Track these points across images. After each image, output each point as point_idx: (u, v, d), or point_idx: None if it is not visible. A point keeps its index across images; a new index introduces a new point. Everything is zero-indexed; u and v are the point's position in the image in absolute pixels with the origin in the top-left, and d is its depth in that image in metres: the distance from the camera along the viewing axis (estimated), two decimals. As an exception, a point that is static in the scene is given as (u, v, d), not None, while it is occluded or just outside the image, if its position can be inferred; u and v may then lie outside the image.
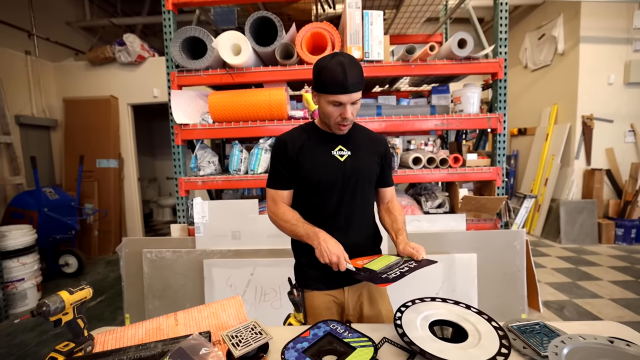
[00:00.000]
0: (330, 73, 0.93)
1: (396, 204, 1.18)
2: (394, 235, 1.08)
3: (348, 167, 1.06)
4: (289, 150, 1.06)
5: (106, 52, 4.05)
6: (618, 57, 3.96)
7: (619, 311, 2.40)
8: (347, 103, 0.95)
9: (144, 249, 2.05)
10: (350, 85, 0.92)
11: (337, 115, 0.99)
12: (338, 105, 0.96)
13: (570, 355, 0.66)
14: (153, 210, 6.32)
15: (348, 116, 0.97)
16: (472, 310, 0.87)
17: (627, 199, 3.94)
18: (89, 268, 3.65)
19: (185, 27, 1.94)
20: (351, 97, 0.95)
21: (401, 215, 1.14)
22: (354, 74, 0.93)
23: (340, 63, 0.92)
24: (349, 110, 0.96)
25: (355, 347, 0.81)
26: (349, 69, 0.92)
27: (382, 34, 1.96)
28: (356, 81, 0.93)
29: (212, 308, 1.03)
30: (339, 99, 0.94)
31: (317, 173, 1.05)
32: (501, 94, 2.06)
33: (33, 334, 2.35)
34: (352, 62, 0.94)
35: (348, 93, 0.93)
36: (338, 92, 0.93)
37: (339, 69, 0.91)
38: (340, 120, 0.99)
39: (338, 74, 0.91)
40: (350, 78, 0.92)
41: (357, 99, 0.96)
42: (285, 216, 1.05)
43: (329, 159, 1.06)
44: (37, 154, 3.61)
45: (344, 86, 0.92)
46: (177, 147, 2.09)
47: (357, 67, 0.94)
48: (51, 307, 0.80)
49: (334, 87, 0.93)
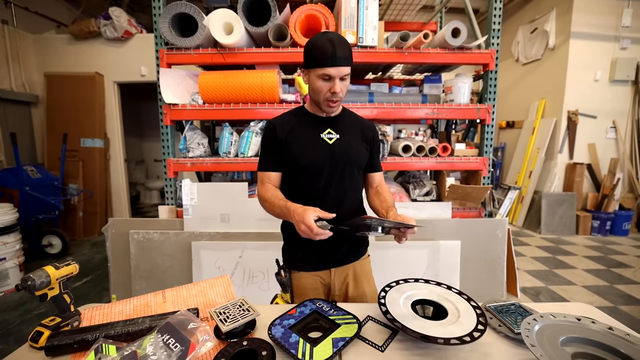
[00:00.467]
0: (320, 47, 0.95)
1: (384, 188, 1.20)
2: (384, 213, 1.08)
3: (336, 150, 1.07)
4: (278, 133, 1.07)
5: (90, 26, 3.87)
6: (605, 55, 4.04)
7: (590, 297, 2.54)
8: (336, 77, 0.97)
9: (131, 229, 2.03)
10: (339, 58, 0.94)
11: (326, 90, 0.99)
12: (327, 79, 0.98)
13: (541, 331, 0.70)
14: (140, 193, 6.22)
15: (337, 90, 0.98)
16: (453, 290, 0.91)
17: (605, 192, 4.10)
18: (74, 249, 3.60)
19: (176, 3, 1.87)
20: (340, 70, 0.96)
21: (390, 197, 1.16)
22: (343, 49, 0.95)
23: (330, 39, 0.95)
24: (338, 85, 0.98)
25: (340, 324, 0.84)
26: (337, 44, 0.94)
27: (377, 19, 1.94)
28: (345, 56, 0.96)
29: (200, 286, 1.04)
30: (328, 71, 0.96)
31: (305, 156, 1.06)
32: (491, 85, 2.08)
33: (16, 313, 2.33)
34: (341, 39, 0.97)
35: (337, 66, 0.95)
36: (328, 65, 0.95)
37: (328, 44, 0.94)
38: (330, 96, 1.00)
39: (327, 47, 0.94)
40: (339, 52, 0.94)
41: (345, 73, 0.98)
42: (266, 195, 1.05)
43: (318, 142, 1.07)
44: (17, 130, 3.47)
45: (332, 59, 0.94)
46: (166, 127, 2.05)
47: (346, 44, 0.97)
48: (36, 282, 0.80)
49: (324, 60, 0.95)
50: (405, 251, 2.01)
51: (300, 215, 0.88)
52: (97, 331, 0.80)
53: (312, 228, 0.85)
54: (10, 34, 3.69)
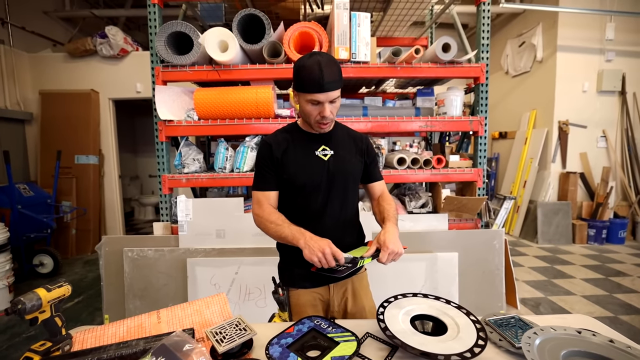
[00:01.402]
0: (308, 72, 0.93)
1: (386, 197, 1.17)
2: (381, 224, 1.09)
3: (332, 166, 1.07)
4: (274, 151, 1.06)
5: (87, 44, 3.92)
6: (592, 66, 4.16)
7: (590, 307, 2.52)
8: (324, 102, 0.96)
9: (125, 247, 2.00)
10: (326, 84, 0.93)
11: (316, 114, 0.99)
12: (316, 104, 0.97)
13: (542, 345, 0.70)
14: (134, 209, 6.15)
15: (326, 114, 0.98)
16: (452, 305, 0.90)
17: (599, 201, 4.14)
18: (66, 268, 3.51)
19: (172, 22, 1.91)
20: (328, 95, 0.95)
21: (390, 205, 1.12)
22: (331, 72, 0.93)
23: (318, 62, 0.93)
24: (327, 108, 0.97)
25: (339, 341, 0.82)
26: (325, 68, 0.92)
27: (369, 35, 1.99)
28: (333, 79, 0.94)
29: (195, 305, 1.02)
30: (316, 97, 0.95)
31: (302, 175, 1.06)
32: (483, 98, 2.12)
33: (4, 337, 2.25)
34: (329, 61, 0.94)
35: (325, 92, 0.94)
36: (315, 91, 0.94)
37: (316, 68, 0.92)
38: (320, 119, 1.00)
39: (315, 72, 0.92)
40: (327, 77, 0.92)
41: (334, 97, 0.97)
42: (271, 217, 1.04)
43: (313, 160, 1.07)
44: (10, 148, 3.44)
45: (320, 85, 0.93)
46: (161, 143, 2.05)
47: (334, 66, 0.95)
48: (27, 305, 0.77)
49: (311, 86, 0.94)
50: (403, 264, 1.99)
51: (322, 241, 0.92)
52: (89, 355, 0.78)
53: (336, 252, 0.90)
54: (6, 52, 3.72)
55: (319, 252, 0.89)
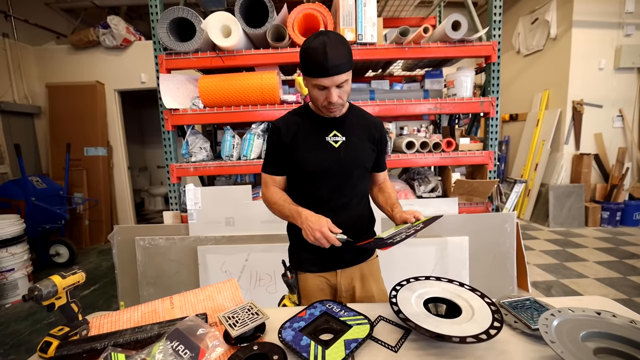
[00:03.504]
0: (312, 55, 0.88)
1: (388, 184, 1.19)
2: (389, 210, 1.09)
3: (342, 154, 1.04)
4: (283, 136, 1.04)
5: (90, 35, 3.89)
6: (609, 42, 3.98)
7: (603, 289, 2.49)
8: (330, 86, 0.91)
9: (137, 236, 2.03)
10: (331, 67, 0.87)
11: (323, 99, 0.95)
12: (322, 89, 0.93)
13: (560, 327, 0.68)
14: (144, 200, 6.24)
15: (333, 100, 0.93)
16: (466, 287, 0.89)
17: (614, 182, 4.03)
18: (81, 258, 3.61)
19: (173, 8, 1.87)
20: (334, 80, 0.89)
21: (394, 192, 1.14)
22: (337, 55, 0.87)
23: (322, 44, 0.86)
24: (334, 93, 0.92)
25: (352, 325, 0.82)
26: (331, 49, 0.86)
27: (375, 15, 1.92)
28: (339, 62, 0.88)
29: (207, 291, 1.03)
30: (321, 82, 0.90)
31: (310, 161, 1.03)
32: (494, 78, 2.05)
33: (26, 323, 2.34)
34: (335, 43, 0.88)
35: (330, 76, 0.88)
36: (320, 75, 0.89)
37: (320, 51, 0.86)
38: (327, 104, 0.96)
39: (319, 56, 0.86)
40: (332, 60, 0.86)
41: (341, 81, 0.91)
42: (273, 197, 1.05)
43: (323, 146, 1.04)
44: (21, 142, 3.49)
45: (324, 69, 0.87)
46: (168, 132, 2.05)
47: (341, 47, 0.88)
48: (43, 292, 0.79)
49: (316, 70, 0.89)
50: (412, 249, 1.98)
51: (316, 223, 0.90)
52: (105, 340, 0.80)
53: (329, 237, 0.88)
54: (11, 46, 3.73)
55: (316, 232, 0.89)
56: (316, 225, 0.90)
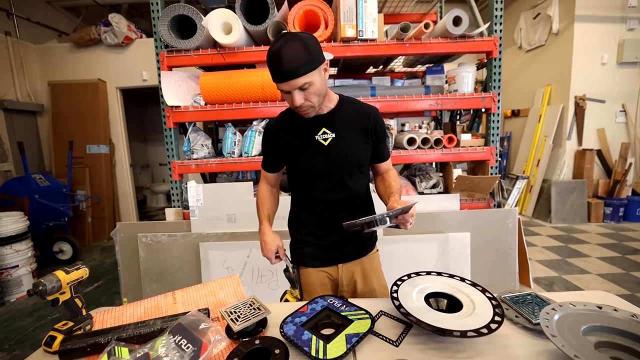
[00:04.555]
0: (269, 61, 0.86)
1: (391, 174, 1.12)
2: (386, 199, 1.02)
3: (332, 153, 1.01)
4: (274, 137, 1.07)
5: (91, 33, 3.90)
6: (612, 37, 3.94)
7: (606, 285, 2.49)
8: (290, 90, 0.88)
9: (139, 233, 2.04)
10: (285, 72, 0.84)
11: (291, 102, 0.92)
12: (286, 93, 0.91)
13: (561, 321, 0.68)
14: (147, 197, 6.27)
15: (296, 103, 0.89)
16: (467, 282, 0.89)
17: (617, 178, 4.01)
18: (84, 255, 3.64)
19: (174, 5, 1.86)
20: (290, 84, 0.86)
21: (395, 181, 1.07)
22: (292, 59, 0.83)
23: (278, 48, 0.84)
24: (297, 97, 0.88)
25: (353, 319, 0.82)
26: (286, 53, 0.83)
27: (376, 11, 1.91)
28: (294, 66, 0.84)
29: (210, 286, 1.04)
30: (280, 87, 0.89)
31: (301, 161, 1.04)
32: (496, 73, 2.04)
33: (31, 319, 2.36)
34: (292, 46, 0.84)
35: (285, 81, 0.86)
36: (277, 81, 0.88)
37: (275, 56, 0.84)
38: (295, 108, 0.93)
39: (274, 61, 0.85)
40: (286, 65, 0.83)
41: (300, 84, 0.86)
42: (258, 196, 1.16)
43: (312, 145, 1.02)
44: (24, 140, 3.50)
45: (279, 74, 0.86)
46: (169, 130, 2.05)
47: (298, 50, 0.84)
48: (47, 286, 0.80)
49: (274, 76, 0.88)
50: (414, 245, 1.98)
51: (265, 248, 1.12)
52: (109, 334, 0.80)
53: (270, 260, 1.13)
54: (14, 44, 3.73)
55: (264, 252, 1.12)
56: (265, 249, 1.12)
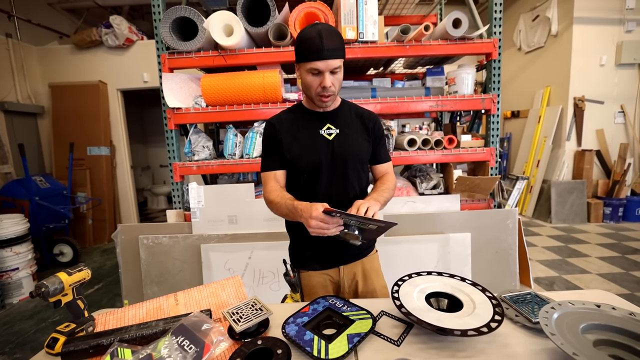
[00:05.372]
0: (308, 40, 0.92)
1: (388, 177, 1.13)
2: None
3: (336, 146, 1.04)
4: (277, 132, 1.06)
5: (92, 35, 3.91)
6: (610, 38, 3.96)
7: (606, 285, 2.50)
8: (325, 71, 0.93)
9: (140, 235, 2.04)
10: (326, 51, 0.90)
11: (317, 85, 0.96)
12: (317, 73, 0.94)
13: (560, 319, 0.69)
14: (147, 199, 6.27)
15: (327, 84, 0.94)
16: (467, 282, 0.89)
17: (616, 178, 4.02)
18: (85, 257, 3.64)
19: (175, 7, 1.88)
20: (328, 64, 0.92)
21: (386, 184, 1.07)
22: (332, 40, 0.91)
23: (318, 31, 0.91)
24: (328, 79, 0.94)
25: (354, 319, 0.83)
26: (326, 35, 0.90)
27: (376, 13, 1.92)
28: (334, 48, 0.91)
29: (211, 288, 1.04)
30: (316, 65, 0.92)
31: (305, 154, 1.04)
32: (495, 75, 2.05)
33: (31, 322, 2.36)
34: (330, 30, 0.93)
35: (324, 59, 0.91)
36: (315, 59, 0.92)
37: (315, 36, 0.90)
38: (320, 91, 0.96)
39: (315, 40, 0.90)
40: (327, 44, 0.90)
41: (335, 66, 0.94)
42: (271, 196, 1.02)
43: (317, 139, 1.04)
44: (25, 141, 3.51)
45: (320, 51, 0.90)
46: (170, 131, 2.06)
47: (336, 35, 0.93)
48: (50, 288, 0.80)
49: (311, 54, 0.92)
50: (415, 245, 1.99)
51: (308, 210, 0.85)
52: (111, 335, 0.81)
53: (324, 219, 0.82)
54: (15, 46, 3.75)
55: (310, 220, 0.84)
56: (307, 213, 0.84)
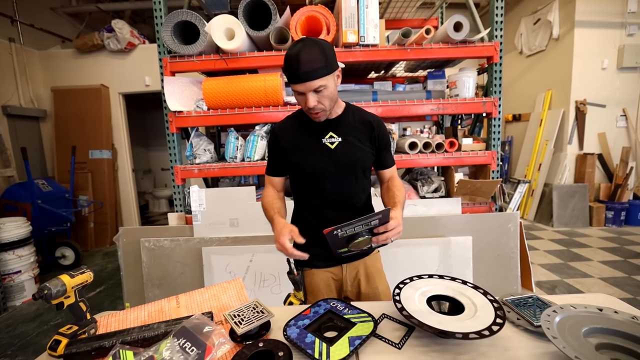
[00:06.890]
0: (287, 62, 0.91)
1: (396, 182, 1.15)
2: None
3: (339, 155, 1.05)
4: (280, 141, 1.08)
5: (94, 39, 3.94)
6: (612, 42, 3.97)
7: (608, 289, 2.48)
8: (305, 92, 0.92)
9: (142, 238, 2.05)
10: (302, 74, 0.89)
11: (304, 104, 0.96)
12: (300, 94, 0.95)
13: (562, 323, 0.69)
14: (149, 202, 6.28)
15: (310, 105, 0.93)
16: (469, 285, 0.89)
17: (618, 182, 4.01)
18: (86, 260, 3.64)
19: (177, 11, 1.89)
20: (306, 86, 0.90)
21: (400, 191, 1.09)
22: (310, 61, 0.88)
23: (296, 52, 0.89)
24: (311, 99, 0.93)
25: (356, 322, 0.83)
26: (304, 56, 0.88)
27: (377, 17, 1.93)
28: (311, 69, 0.88)
29: (213, 290, 1.05)
30: (296, 88, 0.93)
31: (308, 163, 1.05)
32: (496, 78, 2.06)
33: (33, 325, 2.36)
34: (310, 49, 0.89)
35: (302, 82, 0.90)
36: (293, 82, 0.92)
37: (293, 58, 0.89)
38: (307, 109, 0.97)
39: (292, 62, 0.89)
40: (304, 67, 0.88)
41: (316, 86, 0.91)
42: (264, 201, 1.10)
43: (319, 148, 1.05)
44: (27, 145, 3.53)
45: (296, 75, 0.90)
46: (172, 135, 2.07)
47: (316, 54, 0.89)
48: (53, 290, 0.80)
49: (290, 77, 0.92)
50: (416, 249, 1.99)
51: (277, 233, 0.96)
52: (113, 338, 0.81)
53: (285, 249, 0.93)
54: (17, 51, 3.78)
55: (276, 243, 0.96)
56: (276, 234, 0.97)
